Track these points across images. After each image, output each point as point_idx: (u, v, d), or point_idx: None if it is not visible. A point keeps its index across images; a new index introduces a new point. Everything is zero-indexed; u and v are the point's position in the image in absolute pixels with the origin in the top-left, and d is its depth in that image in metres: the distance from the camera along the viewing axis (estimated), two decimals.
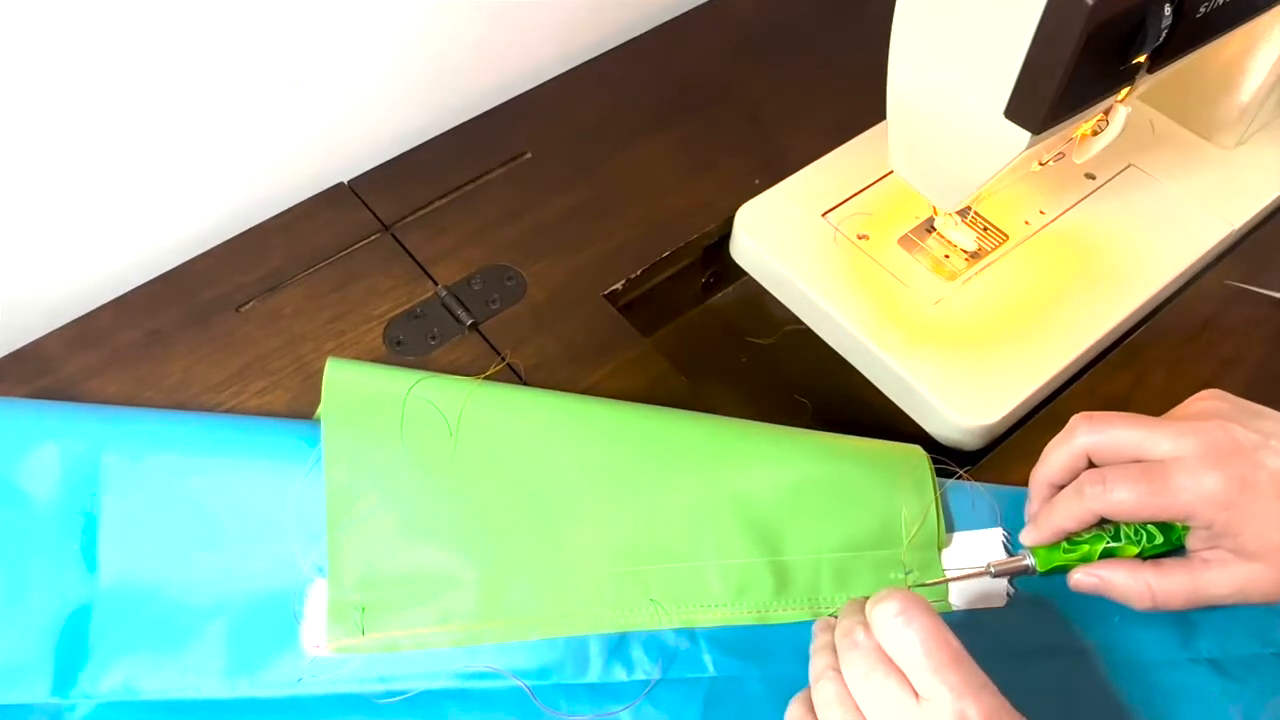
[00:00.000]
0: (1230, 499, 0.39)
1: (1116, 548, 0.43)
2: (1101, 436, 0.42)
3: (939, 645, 0.36)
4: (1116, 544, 0.43)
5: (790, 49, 0.72)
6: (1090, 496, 0.42)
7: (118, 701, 0.45)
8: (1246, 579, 0.40)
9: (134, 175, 0.58)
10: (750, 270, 0.62)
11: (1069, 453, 0.43)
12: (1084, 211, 0.60)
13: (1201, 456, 0.40)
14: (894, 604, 0.37)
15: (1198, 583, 0.41)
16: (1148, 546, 0.43)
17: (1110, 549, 0.43)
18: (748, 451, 0.48)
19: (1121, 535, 0.43)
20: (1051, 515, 0.43)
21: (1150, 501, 0.40)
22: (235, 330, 0.56)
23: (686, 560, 0.46)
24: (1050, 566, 0.44)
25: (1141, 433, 0.41)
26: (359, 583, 0.46)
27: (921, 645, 0.36)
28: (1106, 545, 0.43)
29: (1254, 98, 0.60)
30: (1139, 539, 0.43)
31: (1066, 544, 0.44)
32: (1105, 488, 0.41)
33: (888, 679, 0.36)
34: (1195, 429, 0.41)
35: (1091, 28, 0.40)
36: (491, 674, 0.45)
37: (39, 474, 0.47)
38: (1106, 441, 0.42)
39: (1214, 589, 0.41)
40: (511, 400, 0.50)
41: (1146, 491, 0.40)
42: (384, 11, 0.61)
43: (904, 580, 0.46)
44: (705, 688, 0.45)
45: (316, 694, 0.45)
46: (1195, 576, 0.41)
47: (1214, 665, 0.45)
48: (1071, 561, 0.44)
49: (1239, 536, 0.39)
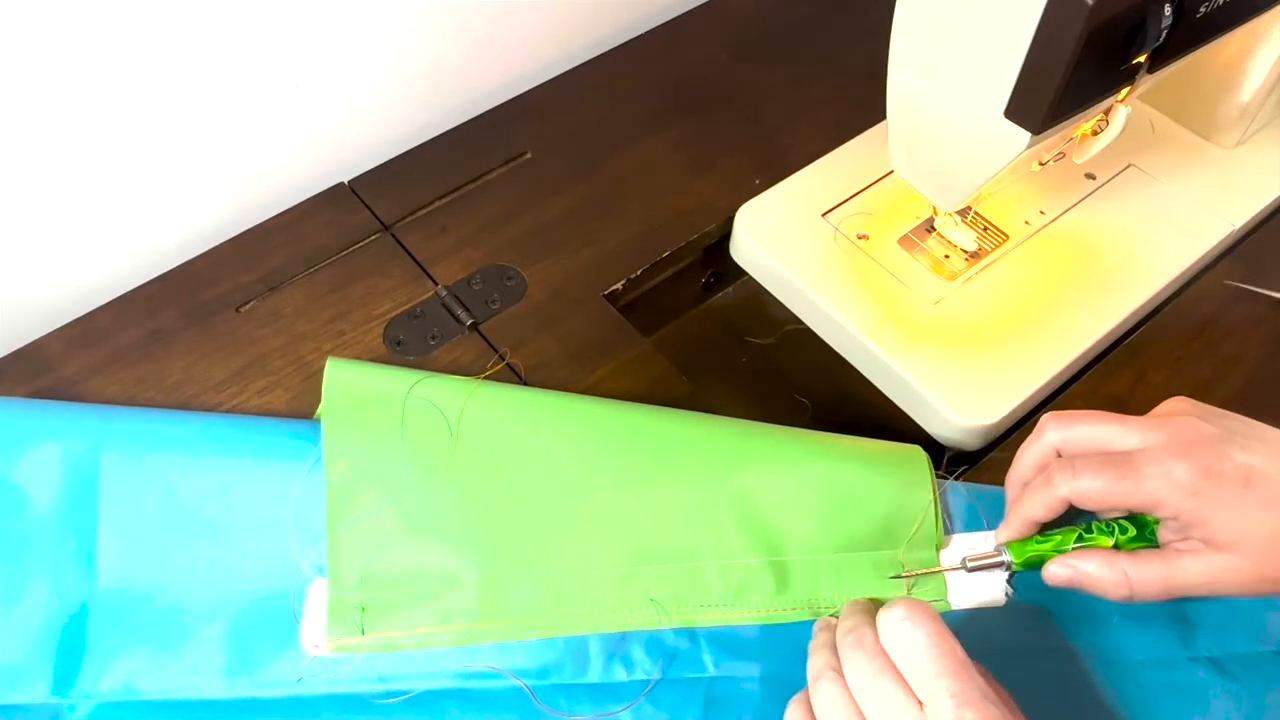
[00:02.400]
0: (1196, 486, 0.39)
1: (1090, 539, 0.43)
2: (1071, 433, 0.43)
3: (944, 652, 0.36)
4: (1090, 536, 0.43)
5: (790, 49, 0.72)
6: (1058, 483, 0.42)
7: (117, 701, 0.44)
8: (1220, 569, 0.40)
9: (134, 175, 0.58)
10: (750, 270, 0.62)
11: (1039, 451, 0.43)
12: (1084, 211, 0.60)
13: (1168, 447, 0.40)
14: (901, 609, 0.37)
15: (1172, 571, 0.40)
16: (1121, 539, 0.42)
17: (1084, 540, 0.43)
18: (748, 452, 0.48)
19: (1094, 529, 0.43)
20: (1021, 506, 0.43)
21: (1117, 487, 0.40)
22: (235, 330, 0.56)
23: (686, 560, 0.46)
24: (1025, 558, 0.44)
25: (1111, 428, 0.42)
26: (359, 582, 0.46)
27: (926, 651, 0.36)
28: (1080, 535, 0.43)
29: (1254, 98, 0.60)
30: (1111, 532, 0.42)
31: (1039, 537, 0.44)
32: (1074, 473, 0.41)
33: (891, 683, 0.36)
34: (1163, 423, 0.41)
35: (1091, 28, 0.40)
36: (492, 674, 0.45)
37: (39, 474, 0.47)
38: (1076, 437, 0.42)
39: (1188, 578, 0.40)
40: (512, 400, 0.50)
41: (1113, 477, 0.40)
42: (384, 11, 0.61)
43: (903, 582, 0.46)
44: (705, 687, 0.45)
45: (316, 694, 0.45)
46: (1170, 565, 0.40)
47: (1213, 664, 0.45)
48: (1046, 553, 0.43)
49: (1207, 526, 0.39)
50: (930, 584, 0.46)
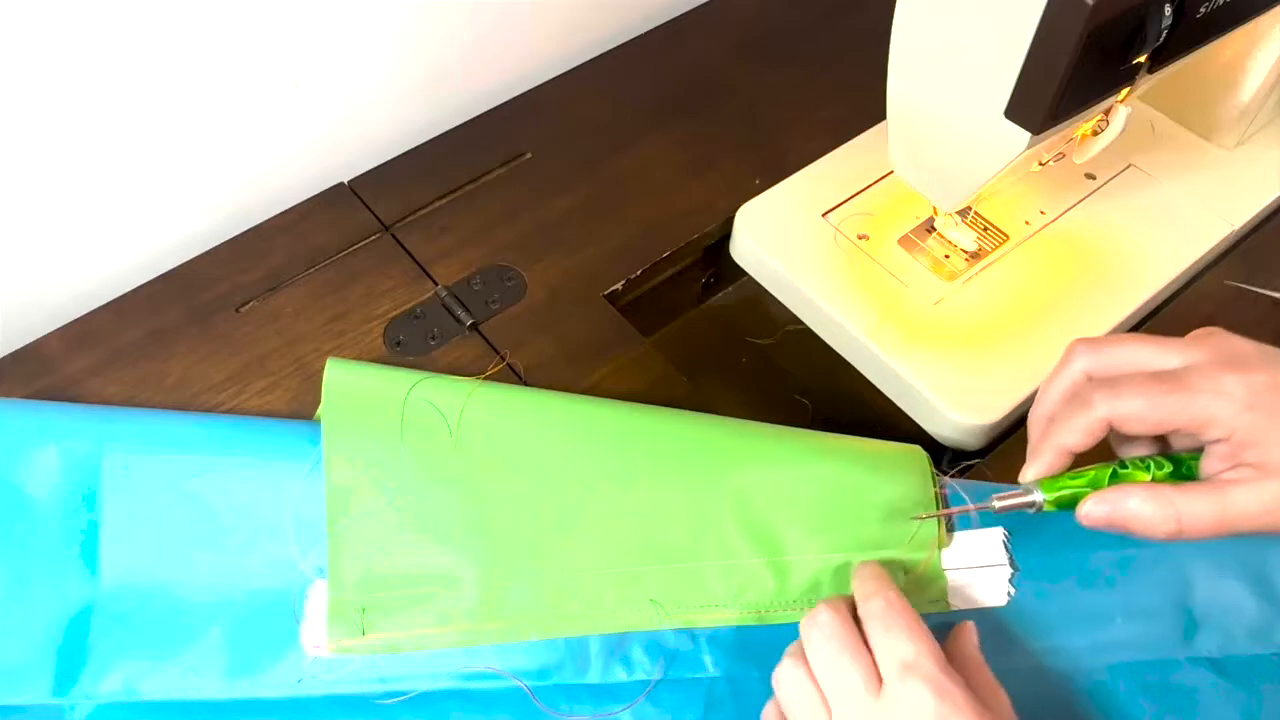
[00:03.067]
0: (1253, 400, 0.35)
1: (1126, 474, 0.39)
2: (1102, 356, 0.39)
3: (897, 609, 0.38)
4: (1125, 471, 0.39)
5: (791, 49, 0.72)
6: (1097, 403, 0.37)
7: (118, 702, 0.45)
8: (1276, 497, 0.36)
9: (134, 175, 0.58)
10: (750, 270, 0.62)
11: (1069, 378, 0.40)
12: (1084, 211, 0.60)
13: (1215, 363, 0.37)
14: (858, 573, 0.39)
15: (1226, 503, 0.36)
16: (1158, 474, 0.39)
17: (1120, 476, 0.39)
18: (748, 451, 0.48)
19: (1129, 465, 0.39)
20: (1053, 435, 0.39)
21: (1165, 403, 0.36)
22: (235, 330, 0.56)
23: (687, 561, 0.46)
24: (1057, 495, 0.40)
25: (1148, 349, 0.38)
26: (359, 583, 0.46)
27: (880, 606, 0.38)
28: (1116, 470, 0.39)
29: (1254, 98, 0.60)
30: (1148, 468, 0.39)
31: (1071, 473, 0.40)
32: (1113, 392, 0.37)
33: (851, 660, 0.37)
34: (1202, 343, 0.38)
35: (1091, 28, 0.40)
36: (492, 674, 0.45)
37: (40, 475, 0.47)
38: (1109, 362, 0.39)
39: (1243, 509, 0.36)
40: (511, 400, 0.50)
41: (1160, 392, 0.36)
42: (384, 11, 0.61)
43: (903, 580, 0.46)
44: (705, 688, 0.45)
45: (316, 695, 0.45)
46: (1223, 495, 0.36)
47: (1214, 665, 0.45)
48: (1080, 489, 0.39)
49: (1262, 446, 0.35)
50: (930, 585, 0.46)
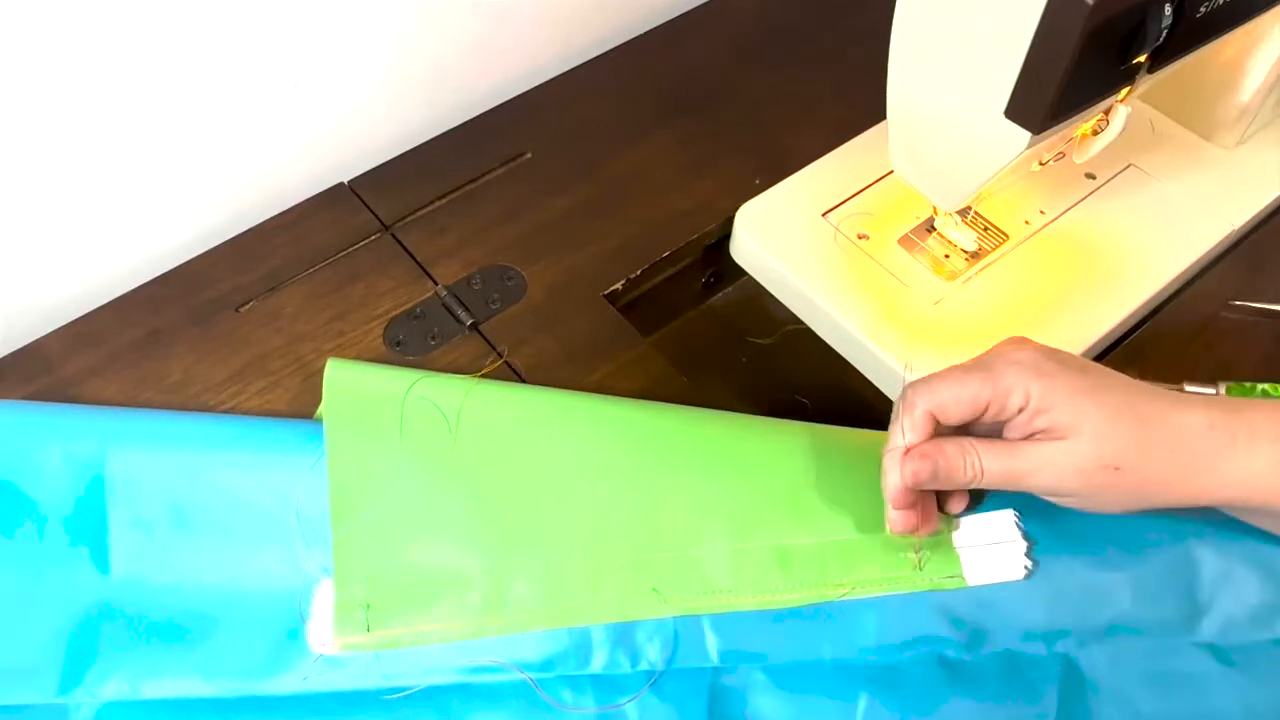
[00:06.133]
0: (1041, 368, 0.41)
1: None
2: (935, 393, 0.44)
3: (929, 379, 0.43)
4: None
5: (791, 49, 0.72)
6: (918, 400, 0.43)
7: (125, 701, 0.45)
8: (1063, 452, 0.41)
9: (134, 175, 0.58)
10: (750, 270, 0.62)
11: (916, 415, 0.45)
12: (1084, 211, 0.61)
13: (1010, 345, 0.44)
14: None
15: (1013, 459, 0.42)
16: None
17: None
18: (748, 438, 0.48)
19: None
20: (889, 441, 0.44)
21: (970, 380, 0.42)
22: (235, 330, 0.56)
23: (688, 548, 0.46)
24: None
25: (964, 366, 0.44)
26: (364, 581, 0.46)
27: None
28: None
29: (1254, 98, 0.60)
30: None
31: None
32: (929, 385, 0.43)
33: None
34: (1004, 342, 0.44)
35: (1091, 28, 0.40)
36: (495, 667, 0.45)
37: (44, 477, 0.47)
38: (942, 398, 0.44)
39: (1029, 463, 0.42)
40: (510, 396, 0.50)
41: (965, 372, 0.43)
42: (384, 11, 0.61)
43: (915, 560, 0.46)
44: (710, 677, 0.45)
45: (322, 691, 0.45)
46: (1011, 454, 0.42)
47: (1215, 651, 0.45)
48: None
49: (1051, 412, 0.41)
50: (945, 560, 0.46)
